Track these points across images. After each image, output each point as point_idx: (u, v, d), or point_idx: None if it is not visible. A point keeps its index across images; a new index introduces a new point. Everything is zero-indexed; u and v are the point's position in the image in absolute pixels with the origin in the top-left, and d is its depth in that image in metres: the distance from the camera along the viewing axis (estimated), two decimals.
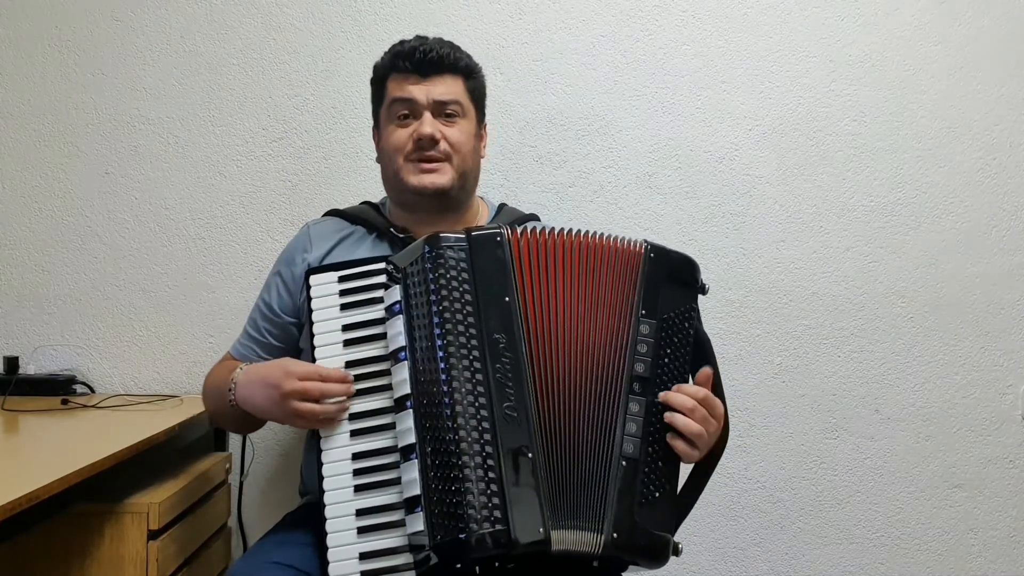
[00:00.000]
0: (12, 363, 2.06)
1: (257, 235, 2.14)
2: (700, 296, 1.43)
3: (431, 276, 1.35)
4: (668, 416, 1.33)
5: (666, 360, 1.36)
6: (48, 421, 1.79)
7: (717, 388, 1.38)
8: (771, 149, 2.15)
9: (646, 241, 1.41)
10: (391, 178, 1.62)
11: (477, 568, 1.27)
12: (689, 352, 1.38)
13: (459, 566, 1.25)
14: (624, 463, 1.31)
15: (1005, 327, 2.15)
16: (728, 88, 2.15)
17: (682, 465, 1.37)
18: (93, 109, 2.15)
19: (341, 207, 1.75)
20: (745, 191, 2.15)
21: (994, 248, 2.15)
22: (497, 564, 1.26)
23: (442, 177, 1.57)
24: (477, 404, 1.29)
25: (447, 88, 1.59)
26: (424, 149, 1.57)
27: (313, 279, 1.45)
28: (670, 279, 1.40)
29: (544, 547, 1.25)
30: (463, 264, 1.36)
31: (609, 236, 1.41)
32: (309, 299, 1.44)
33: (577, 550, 1.28)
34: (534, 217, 1.75)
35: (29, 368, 2.09)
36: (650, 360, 1.35)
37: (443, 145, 1.57)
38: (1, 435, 1.69)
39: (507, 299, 1.35)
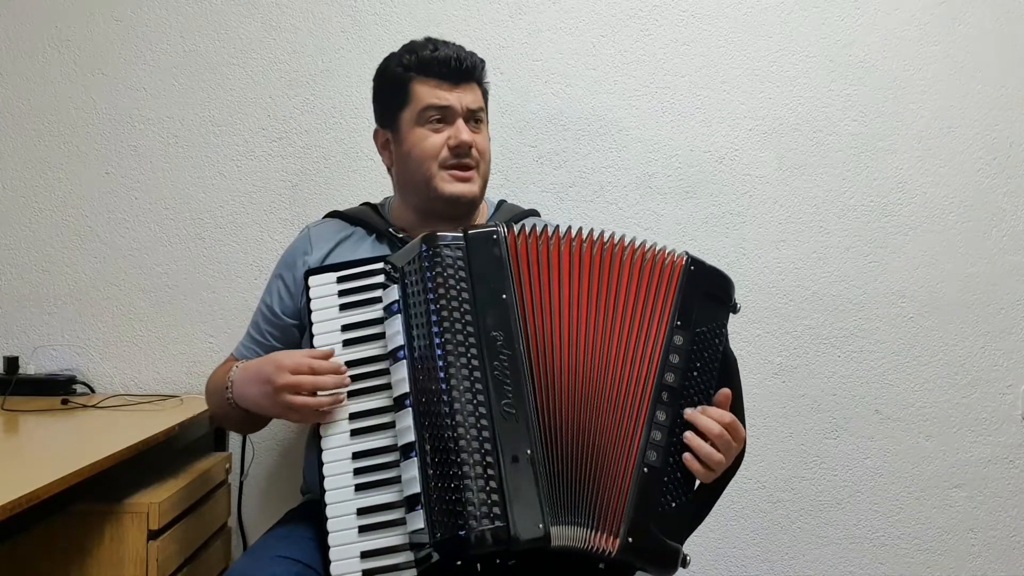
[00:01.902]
0: (12, 363, 2.06)
1: (257, 235, 2.14)
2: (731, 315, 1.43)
3: (428, 275, 1.35)
4: (689, 437, 1.32)
5: (695, 374, 1.36)
6: (48, 421, 1.79)
7: (738, 409, 1.39)
8: (771, 149, 2.15)
9: (687, 253, 1.41)
10: (419, 184, 1.60)
11: (478, 565, 1.27)
12: (717, 369, 1.38)
13: (460, 563, 1.26)
14: (646, 470, 1.31)
15: (1005, 327, 2.16)
16: (728, 88, 2.15)
17: None
18: (93, 109, 2.15)
19: (341, 207, 1.76)
20: (745, 191, 2.15)
21: (994, 248, 2.15)
22: (498, 561, 1.27)
23: (473, 186, 1.60)
24: (475, 402, 1.30)
25: (474, 96, 1.61)
26: (461, 156, 1.58)
27: (312, 280, 1.45)
28: (706, 294, 1.40)
29: (543, 544, 1.25)
30: (460, 263, 1.36)
31: (643, 242, 1.41)
32: (308, 300, 1.44)
33: (577, 547, 1.28)
34: (534, 212, 1.75)
35: (29, 368, 2.09)
36: (680, 371, 1.35)
37: (474, 152, 1.59)
38: (1, 435, 1.69)
39: (504, 296, 1.35)
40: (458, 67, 1.58)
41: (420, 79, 1.59)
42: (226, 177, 2.15)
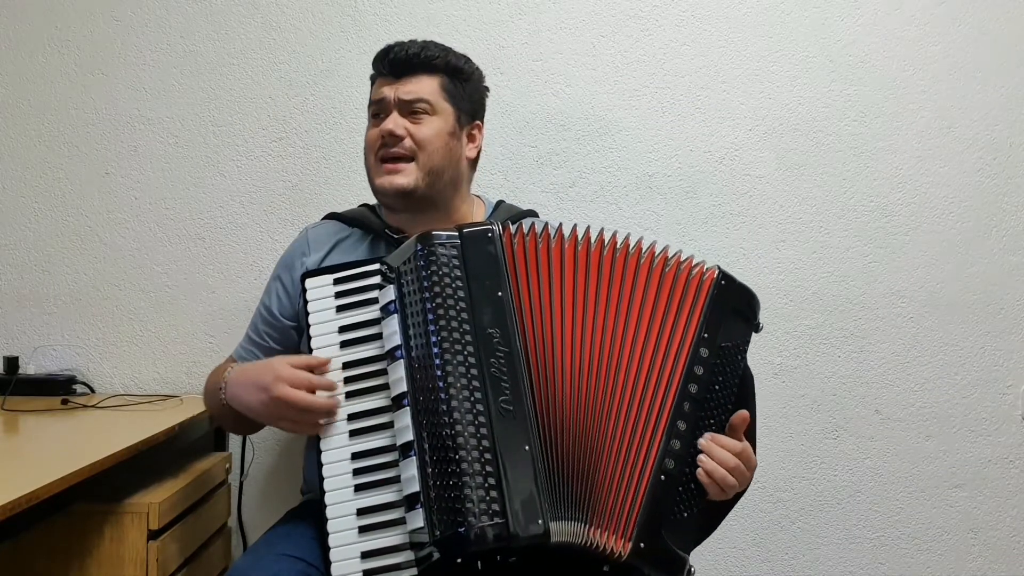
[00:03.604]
0: (12, 363, 2.06)
1: (257, 235, 2.14)
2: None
3: (424, 274, 1.36)
4: (704, 461, 1.32)
5: (716, 388, 1.36)
6: (48, 421, 1.79)
7: (751, 431, 1.39)
8: (771, 149, 2.15)
9: (718, 267, 1.42)
10: (368, 177, 1.64)
11: (479, 563, 1.27)
12: (736, 386, 1.38)
13: (460, 561, 1.25)
14: (663, 477, 1.31)
15: (1005, 327, 2.15)
16: (728, 88, 2.15)
17: None
18: (93, 109, 2.15)
19: (341, 207, 1.76)
20: (745, 191, 2.15)
21: (994, 248, 2.15)
22: (499, 558, 1.26)
23: (405, 177, 1.57)
24: (473, 399, 1.30)
25: (415, 87, 1.59)
26: (388, 146, 1.58)
27: (309, 282, 1.45)
28: (733, 310, 1.40)
29: (543, 540, 1.25)
30: (455, 261, 1.37)
31: (665, 247, 1.42)
32: (305, 303, 1.44)
33: (580, 544, 1.28)
34: (532, 213, 1.75)
35: (29, 368, 2.09)
36: (704, 384, 1.35)
37: (408, 142, 1.57)
38: (1, 435, 1.69)
39: (500, 294, 1.36)
40: (394, 59, 1.59)
41: (377, 79, 1.64)
42: (226, 177, 2.15)
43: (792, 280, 2.15)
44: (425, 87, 1.59)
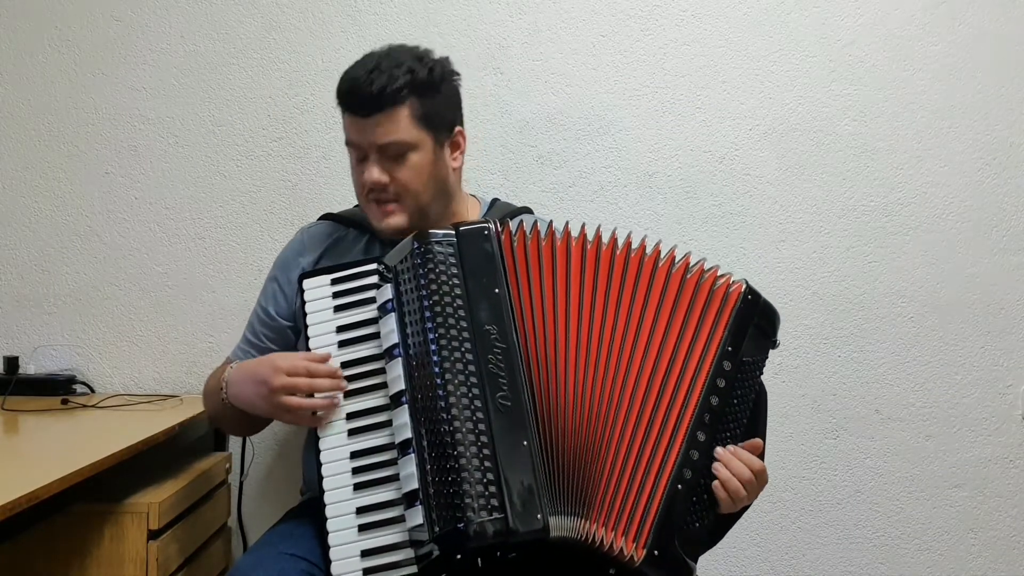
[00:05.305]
0: (12, 363, 2.06)
1: (257, 235, 2.14)
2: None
3: (420, 272, 1.36)
4: (721, 472, 1.33)
5: (735, 402, 1.36)
6: (48, 421, 1.79)
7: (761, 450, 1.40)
8: (771, 149, 2.15)
9: (745, 281, 1.42)
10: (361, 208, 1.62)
11: (479, 560, 1.27)
12: (752, 401, 1.39)
13: (460, 557, 1.25)
14: (680, 487, 1.31)
15: (1005, 327, 2.15)
16: (728, 88, 2.15)
17: None
18: (93, 109, 2.15)
19: (341, 207, 1.76)
20: (745, 191, 2.15)
21: (994, 248, 2.15)
22: (499, 554, 1.26)
23: (397, 218, 1.54)
24: (471, 395, 1.30)
25: (387, 127, 1.49)
26: (376, 191, 1.54)
27: (306, 283, 1.46)
28: (756, 325, 1.40)
29: (542, 535, 1.25)
30: (452, 259, 1.37)
31: (687, 253, 1.42)
32: (303, 303, 1.45)
33: (585, 542, 1.28)
34: (526, 210, 1.75)
35: (29, 368, 2.09)
36: (724, 397, 1.35)
37: (392, 188, 1.52)
38: (1, 435, 1.69)
39: (497, 291, 1.36)
40: (358, 98, 1.49)
41: (344, 111, 1.55)
42: (226, 177, 2.15)
43: (792, 280, 2.15)
44: (398, 125, 1.49)
